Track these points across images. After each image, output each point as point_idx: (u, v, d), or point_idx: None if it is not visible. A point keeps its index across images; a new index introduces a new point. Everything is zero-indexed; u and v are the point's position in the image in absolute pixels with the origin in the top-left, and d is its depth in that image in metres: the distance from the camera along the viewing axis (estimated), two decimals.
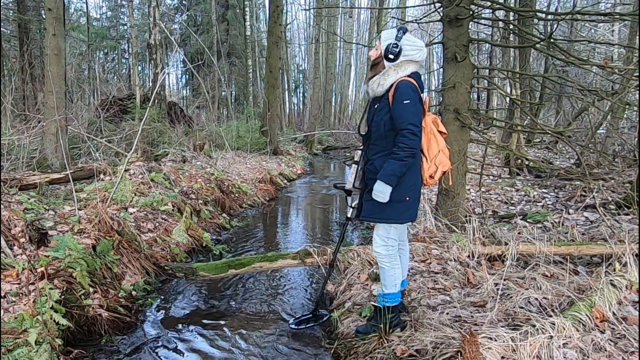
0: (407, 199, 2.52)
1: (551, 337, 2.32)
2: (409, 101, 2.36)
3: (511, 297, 2.95)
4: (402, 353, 2.47)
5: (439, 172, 2.58)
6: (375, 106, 2.54)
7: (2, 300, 2.82)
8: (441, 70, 5.09)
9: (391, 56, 2.45)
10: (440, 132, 2.63)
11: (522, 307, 2.81)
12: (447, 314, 2.83)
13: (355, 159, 2.71)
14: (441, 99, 4.87)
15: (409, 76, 2.45)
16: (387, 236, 2.62)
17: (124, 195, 5.32)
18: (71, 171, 5.25)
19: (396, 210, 2.52)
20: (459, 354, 2.30)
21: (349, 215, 2.91)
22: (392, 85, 2.44)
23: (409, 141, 2.35)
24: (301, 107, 32.68)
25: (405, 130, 2.35)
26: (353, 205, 2.83)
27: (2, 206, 3.82)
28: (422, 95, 2.50)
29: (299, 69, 33.79)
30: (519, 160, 7.92)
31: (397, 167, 2.38)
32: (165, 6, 20.50)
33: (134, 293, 3.71)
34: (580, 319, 2.49)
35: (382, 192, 2.43)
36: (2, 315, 2.68)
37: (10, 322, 2.62)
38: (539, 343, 2.27)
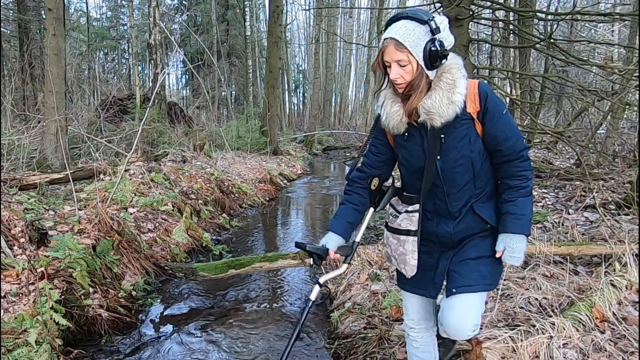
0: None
1: (551, 337, 2.32)
2: (505, 110, 1.59)
3: (511, 297, 2.95)
4: (403, 357, 2.47)
5: None
6: (441, 138, 1.58)
7: (2, 300, 2.82)
8: None
9: (444, 61, 1.52)
10: None
11: (522, 307, 2.81)
12: None
13: (413, 229, 1.71)
14: None
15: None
16: (481, 308, 1.73)
17: (124, 195, 5.32)
18: (71, 171, 5.25)
19: (498, 269, 1.74)
20: (461, 353, 2.30)
21: (312, 297, 1.92)
22: (466, 95, 1.54)
23: (530, 163, 1.64)
24: (301, 107, 32.69)
25: (525, 150, 1.60)
26: (322, 282, 1.93)
27: (2, 206, 3.82)
28: None
29: (299, 69, 33.80)
30: None
31: (531, 205, 1.64)
32: (165, 6, 20.51)
33: (134, 293, 3.71)
34: (580, 319, 2.49)
35: (523, 249, 1.65)
36: (2, 315, 2.68)
37: (10, 322, 2.62)
38: (539, 343, 2.27)
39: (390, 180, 1.85)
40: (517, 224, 1.60)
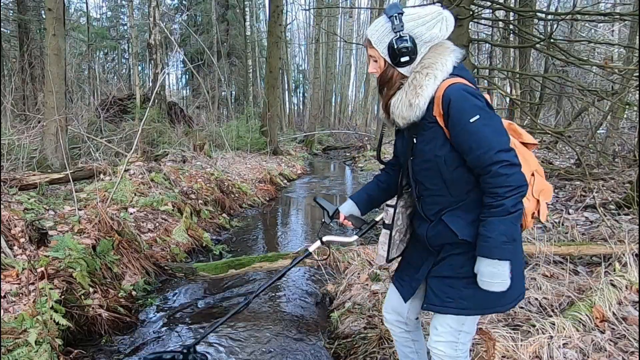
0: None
1: (551, 337, 2.32)
2: (478, 116, 1.41)
3: None
4: None
5: (542, 207, 1.63)
6: (414, 139, 1.55)
7: (2, 300, 2.82)
8: None
9: (406, 58, 1.47)
10: (525, 144, 1.69)
11: (522, 307, 2.81)
12: None
13: (386, 222, 1.72)
14: None
15: (453, 75, 1.49)
16: (459, 329, 1.63)
17: (124, 195, 5.32)
18: (71, 171, 5.25)
19: (490, 294, 1.52)
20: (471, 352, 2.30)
21: (310, 249, 2.00)
22: (433, 99, 1.47)
23: (510, 179, 1.40)
24: (301, 107, 32.70)
25: (495, 164, 1.40)
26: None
27: (2, 206, 3.82)
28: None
29: (299, 69, 33.81)
30: None
31: (509, 226, 1.43)
32: (165, 6, 20.51)
33: (134, 293, 3.71)
34: (580, 319, 2.49)
35: (497, 274, 1.45)
36: (2, 315, 2.68)
37: (10, 322, 2.62)
38: (539, 343, 2.28)
39: None
40: (482, 246, 1.46)
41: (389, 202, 1.72)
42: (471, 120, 1.41)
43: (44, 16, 10.72)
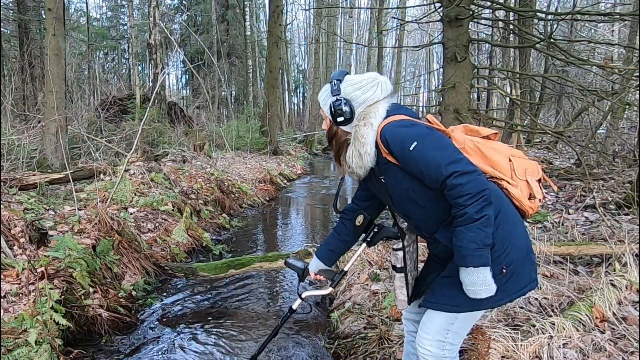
0: (504, 269, 1.57)
1: (551, 337, 2.32)
2: (415, 143, 1.49)
3: None
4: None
5: (534, 185, 1.67)
6: (381, 179, 1.65)
7: (2, 300, 2.82)
8: (441, 70, 5.10)
9: (341, 118, 1.62)
10: (487, 137, 1.76)
11: (522, 307, 2.81)
12: None
13: (398, 266, 1.78)
14: (441, 99, 4.87)
15: (387, 117, 1.61)
16: (448, 329, 1.66)
17: (124, 195, 5.32)
18: (71, 171, 5.25)
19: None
20: (464, 352, 2.30)
21: (294, 307, 2.11)
22: (377, 144, 1.59)
23: (465, 187, 1.44)
24: (301, 107, 32.70)
25: (448, 177, 1.46)
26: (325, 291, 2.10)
27: (2, 206, 3.82)
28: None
29: (299, 69, 33.81)
30: None
31: (477, 233, 1.45)
32: (165, 6, 20.51)
33: (134, 293, 3.71)
34: (580, 319, 2.49)
35: (477, 282, 1.49)
36: (2, 315, 2.68)
37: (10, 322, 2.62)
38: (539, 343, 2.28)
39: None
40: (457, 256, 1.52)
41: (395, 246, 1.77)
42: (411, 148, 1.50)
43: (44, 16, 10.72)
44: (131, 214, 5.00)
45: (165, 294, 3.89)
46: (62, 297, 2.98)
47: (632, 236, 3.56)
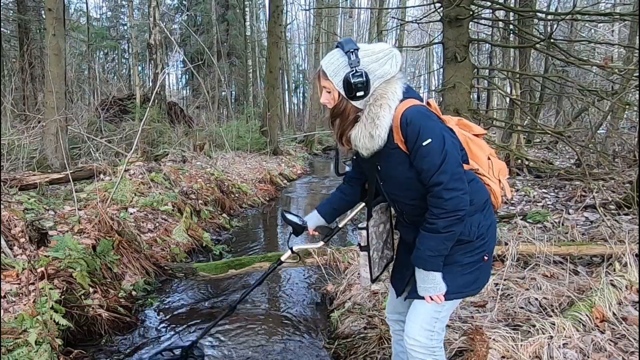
0: (485, 257, 1.68)
1: (551, 337, 2.32)
2: (431, 140, 1.47)
3: (511, 297, 2.95)
4: None
5: (505, 184, 1.78)
6: (377, 166, 1.63)
7: (2, 300, 2.82)
8: (441, 70, 5.10)
9: (361, 93, 1.51)
10: (476, 134, 1.80)
11: (522, 307, 2.81)
12: None
13: (362, 244, 1.78)
14: (441, 99, 4.87)
15: (403, 99, 1.54)
16: (436, 317, 1.70)
17: (124, 196, 5.32)
18: (71, 171, 5.25)
19: (466, 277, 1.66)
20: (463, 352, 2.30)
21: (282, 259, 2.18)
22: (391, 127, 1.52)
23: (446, 203, 1.49)
24: (301, 107, 32.70)
25: (436, 185, 1.49)
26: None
27: (2, 206, 3.82)
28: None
29: (299, 69, 33.80)
30: (519, 161, 7.92)
31: (437, 243, 1.54)
32: (165, 6, 20.51)
33: (134, 293, 3.71)
34: (580, 319, 2.49)
35: (428, 280, 1.61)
36: (2, 315, 2.68)
37: (10, 322, 2.62)
38: (539, 343, 2.28)
39: None
40: (414, 255, 1.61)
41: (360, 225, 1.76)
42: (424, 143, 1.48)
43: (44, 16, 10.72)
44: (131, 214, 5.00)
45: (165, 294, 3.89)
46: (62, 297, 2.98)
47: (632, 236, 3.56)
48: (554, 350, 2.24)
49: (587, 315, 2.52)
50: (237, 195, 7.60)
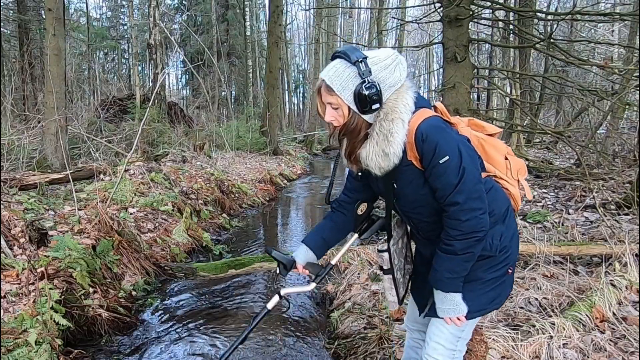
0: (509, 270, 1.58)
1: (551, 337, 2.32)
2: (448, 157, 1.36)
3: (511, 297, 2.95)
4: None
5: (525, 185, 1.67)
6: (393, 184, 1.50)
7: (2, 300, 2.82)
8: (441, 70, 5.10)
9: (377, 105, 1.37)
10: (490, 134, 1.67)
11: (522, 307, 2.81)
12: None
13: (385, 267, 1.65)
14: (441, 99, 4.87)
15: (417, 109, 1.41)
16: (459, 336, 1.61)
17: (124, 196, 5.32)
18: (71, 171, 5.25)
19: (489, 294, 1.56)
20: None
21: (269, 306, 1.81)
22: (405, 143, 1.39)
23: (464, 224, 1.39)
24: (301, 107, 32.70)
25: (453, 206, 1.39)
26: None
27: (2, 206, 3.82)
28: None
29: (299, 69, 33.81)
30: None
31: (455, 265, 1.45)
32: (165, 6, 20.51)
33: (134, 293, 3.71)
34: (580, 319, 2.49)
35: (445, 303, 1.51)
36: (2, 315, 2.68)
37: (10, 322, 2.62)
38: (539, 343, 2.28)
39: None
40: (431, 276, 1.52)
41: (380, 248, 1.64)
42: (441, 161, 1.36)
43: (44, 16, 10.72)
44: (131, 214, 5.00)
45: (165, 294, 3.89)
46: (62, 297, 2.98)
47: (632, 236, 3.56)
48: (553, 350, 2.24)
49: (587, 315, 2.52)
50: (237, 195, 7.60)
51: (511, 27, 6.71)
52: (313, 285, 1.78)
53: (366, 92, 1.34)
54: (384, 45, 21.70)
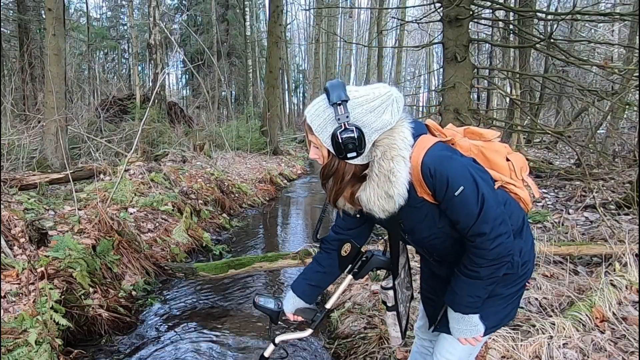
0: (528, 283, 1.56)
1: (551, 337, 2.32)
2: (463, 188, 1.26)
3: None
4: (403, 357, 2.47)
5: (531, 183, 1.58)
6: (400, 224, 1.42)
7: (2, 300, 2.82)
8: (441, 70, 5.10)
9: (353, 154, 1.26)
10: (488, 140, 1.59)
11: (522, 307, 2.81)
12: None
13: (389, 304, 1.61)
14: (441, 99, 4.87)
15: (415, 139, 1.29)
16: (470, 352, 1.57)
17: (124, 195, 5.32)
18: (71, 171, 5.25)
19: (507, 309, 1.51)
20: None
21: (266, 355, 1.75)
22: (410, 180, 1.28)
23: (490, 252, 1.31)
24: (301, 107, 32.72)
25: (479, 237, 1.30)
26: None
27: (2, 206, 3.82)
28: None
29: (299, 69, 33.84)
30: None
31: (478, 289, 1.38)
32: (165, 6, 20.51)
33: (134, 293, 3.71)
34: (580, 319, 2.49)
35: (462, 323, 1.44)
36: (2, 315, 2.68)
37: (10, 322, 2.62)
38: (539, 343, 2.28)
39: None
40: (448, 297, 1.45)
41: (384, 285, 1.57)
42: (456, 194, 1.26)
43: (44, 16, 10.72)
44: (131, 214, 5.00)
45: (165, 294, 3.89)
46: (62, 297, 2.98)
47: (632, 236, 3.56)
48: (553, 350, 2.24)
49: (587, 315, 2.51)
50: (237, 195, 7.60)
51: (511, 27, 6.71)
52: (309, 331, 1.70)
53: (340, 139, 1.23)
54: (384, 45, 21.71)
